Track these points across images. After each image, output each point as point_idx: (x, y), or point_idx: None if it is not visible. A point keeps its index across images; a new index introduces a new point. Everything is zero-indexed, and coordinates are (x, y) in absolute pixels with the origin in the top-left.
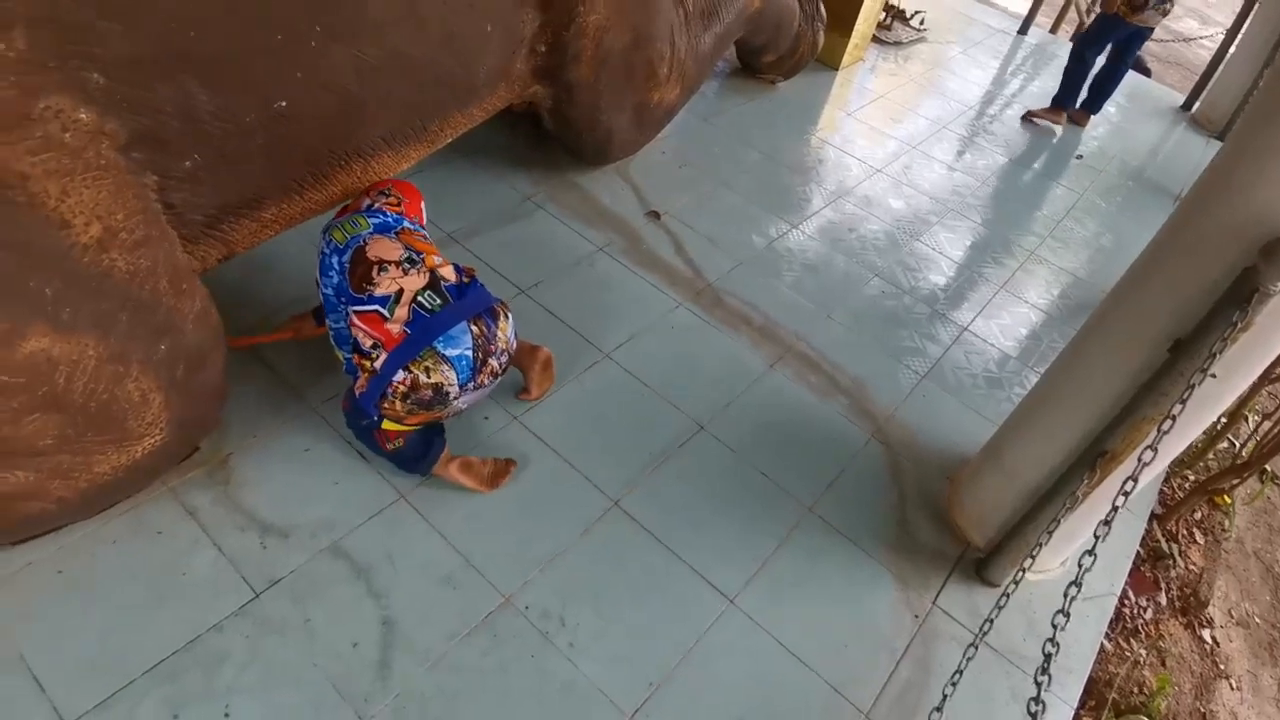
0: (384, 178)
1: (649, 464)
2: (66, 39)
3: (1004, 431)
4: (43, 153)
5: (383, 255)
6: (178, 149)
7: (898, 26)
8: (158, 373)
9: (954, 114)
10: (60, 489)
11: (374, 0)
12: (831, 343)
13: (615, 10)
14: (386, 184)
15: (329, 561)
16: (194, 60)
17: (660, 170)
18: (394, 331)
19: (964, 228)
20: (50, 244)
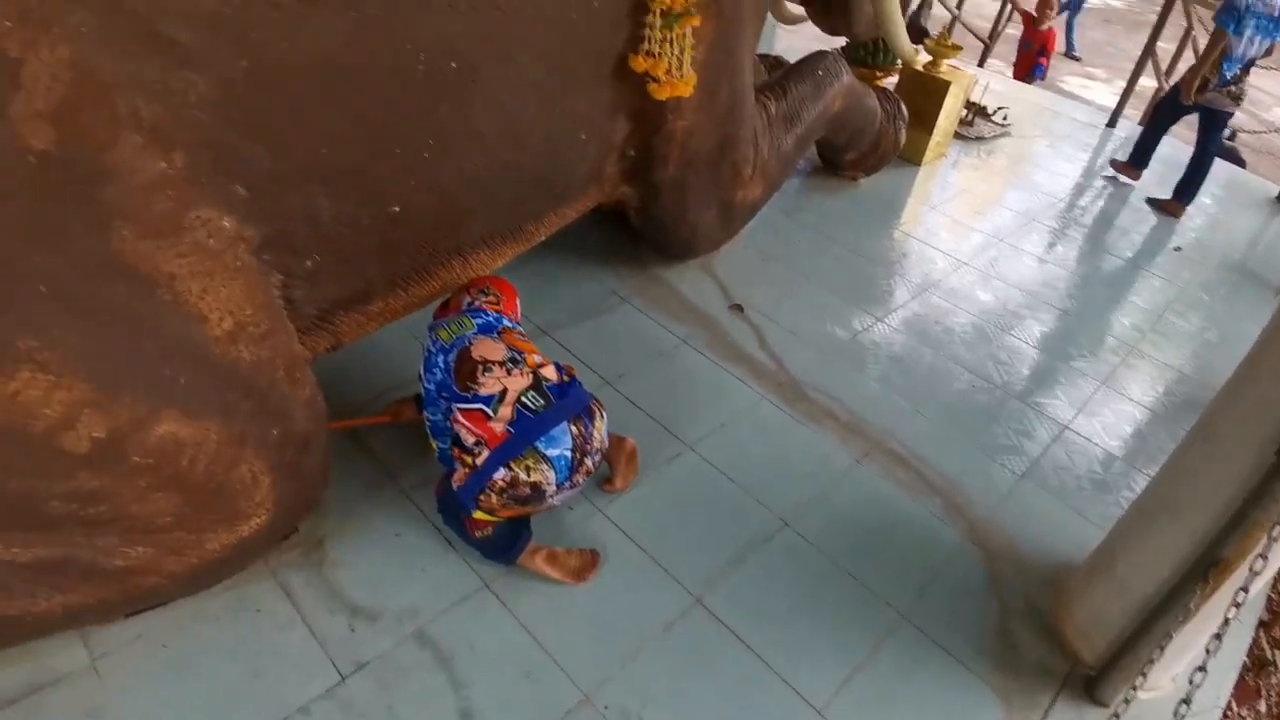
0: (480, 275)
1: (732, 560)
2: (217, 158)
3: (1113, 539)
4: (190, 255)
5: (487, 355)
6: (302, 250)
7: (980, 122)
8: (269, 456)
9: (1042, 206)
10: (174, 565)
11: (482, 116)
12: (921, 438)
13: (702, 116)
14: (484, 281)
15: (413, 648)
16: (323, 173)
17: (743, 264)
18: (497, 430)
19: (1058, 321)
20: (188, 336)
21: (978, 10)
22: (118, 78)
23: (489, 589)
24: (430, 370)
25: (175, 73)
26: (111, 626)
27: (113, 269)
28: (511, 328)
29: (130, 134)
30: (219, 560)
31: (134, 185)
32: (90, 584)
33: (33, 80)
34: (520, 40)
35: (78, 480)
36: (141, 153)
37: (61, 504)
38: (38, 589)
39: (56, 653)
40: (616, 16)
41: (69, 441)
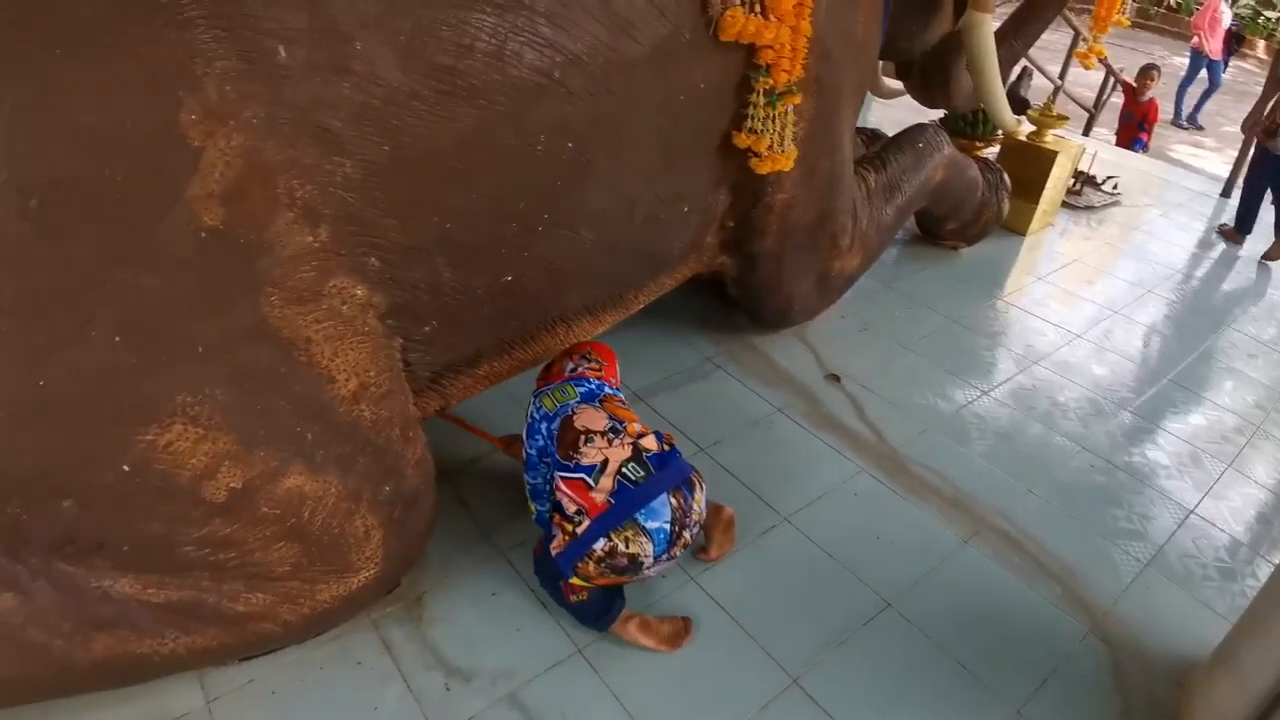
0: (582, 340)
1: (831, 640)
2: (356, 231)
3: (1238, 630)
4: (325, 321)
5: (589, 425)
6: (422, 317)
7: (1089, 191)
8: (381, 511)
9: (1157, 277)
10: (288, 613)
11: (593, 191)
12: (1034, 519)
13: (802, 189)
14: (586, 346)
15: (505, 710)
16: (447, 246)
17: (840, 334)
18: (598, 500)
19: (1180, 398)
20: (317, 396)
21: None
22: (279, 162)
23: (582, 655)
24: (533, 436)
25: (327, 157)
26: (226, 670)
27: (260, 333)
28: (613, 395)
29: (285, 211)
30: (329, 611)
31: (284, 257)
32: (213, 627)
33: (209, 166)
34: (631, 122)
35: (212, 527)
36: (292, 228)
37: (195, 549)
38: (166, 629)
39: (175, 692)
40: (722, 96)
41: (209, 491)
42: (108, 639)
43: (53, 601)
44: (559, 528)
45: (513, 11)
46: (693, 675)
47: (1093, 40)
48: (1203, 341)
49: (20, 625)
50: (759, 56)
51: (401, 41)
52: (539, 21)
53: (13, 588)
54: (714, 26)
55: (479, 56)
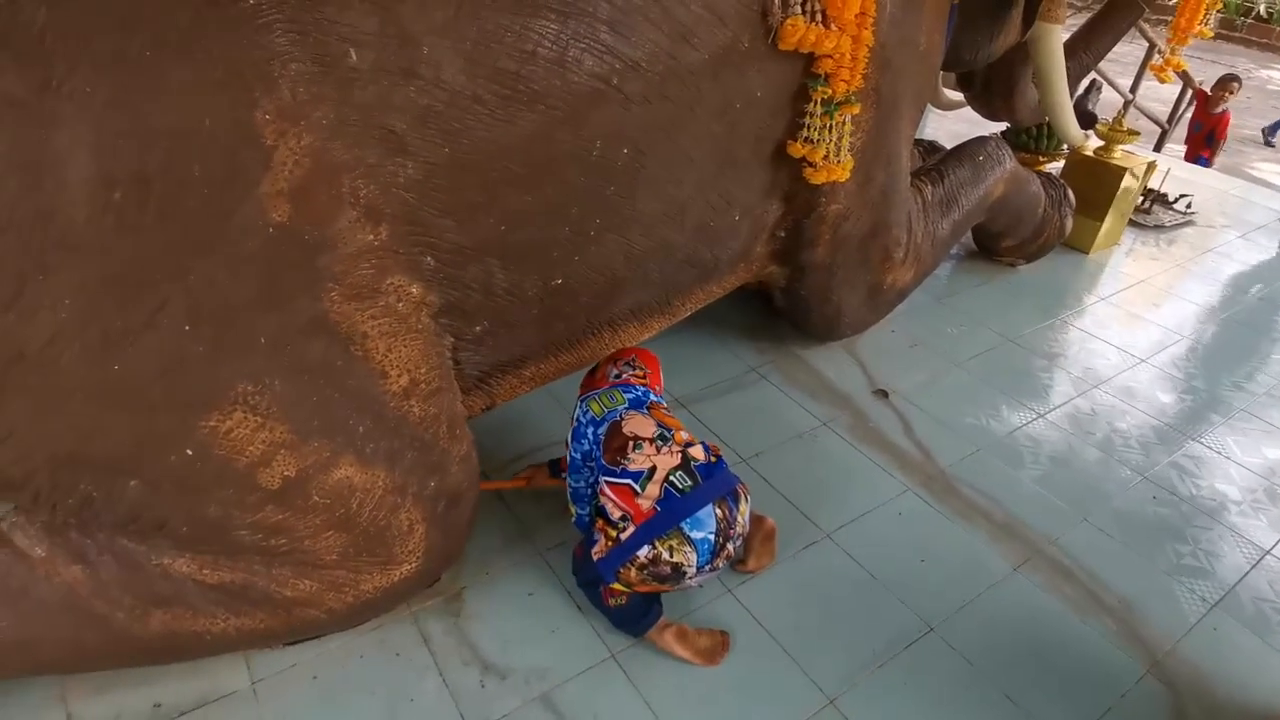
0: (627, 346)
1: (870, 662)
2: (413, 231)
3: None
4: (382, 318)
5: (638, 432)
6: (473, 317)
7: (1159, 210)
8: (425, 506)
9: (1232, 302)
10: (332, 600)
11: (646, 197)
12: (1090, 550)
13: (856, 200)
14: (631, 353)
15: (539, 711)
16: (501, 247)
17: (889, 348)
18: (644, 507)
19: (1257, 431)
20: (370, 390)
21: (1154, 94)
22: (344, 162)
23: (616, 660)
24: (579, 439)
25: (390, 158)
26: (271, 653)
27: (319, 326)
28: (658, 402)
29: (348, 210)
30: (371, 601)
31: (345, 254)
32: (262, 610)
33: (280, 164)
34: (686, 128)
35: (265, 513)
36: (355, 226)
37: (249, 533)
38: (218, 610)
39: (223, 672)
40: (778, 104)
41: (264, 478)
42: (164, 615)
43: (116, 576)
44: (601, 533)
45: (575, 18)
46: (726, 688)
47: (1170, 52)
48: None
49: (86, 596)
50: (818, 65)
51: (467, 46)
52: (600, 28)
53: (81, 560)
54: (774, 35)
55: (541, 62)
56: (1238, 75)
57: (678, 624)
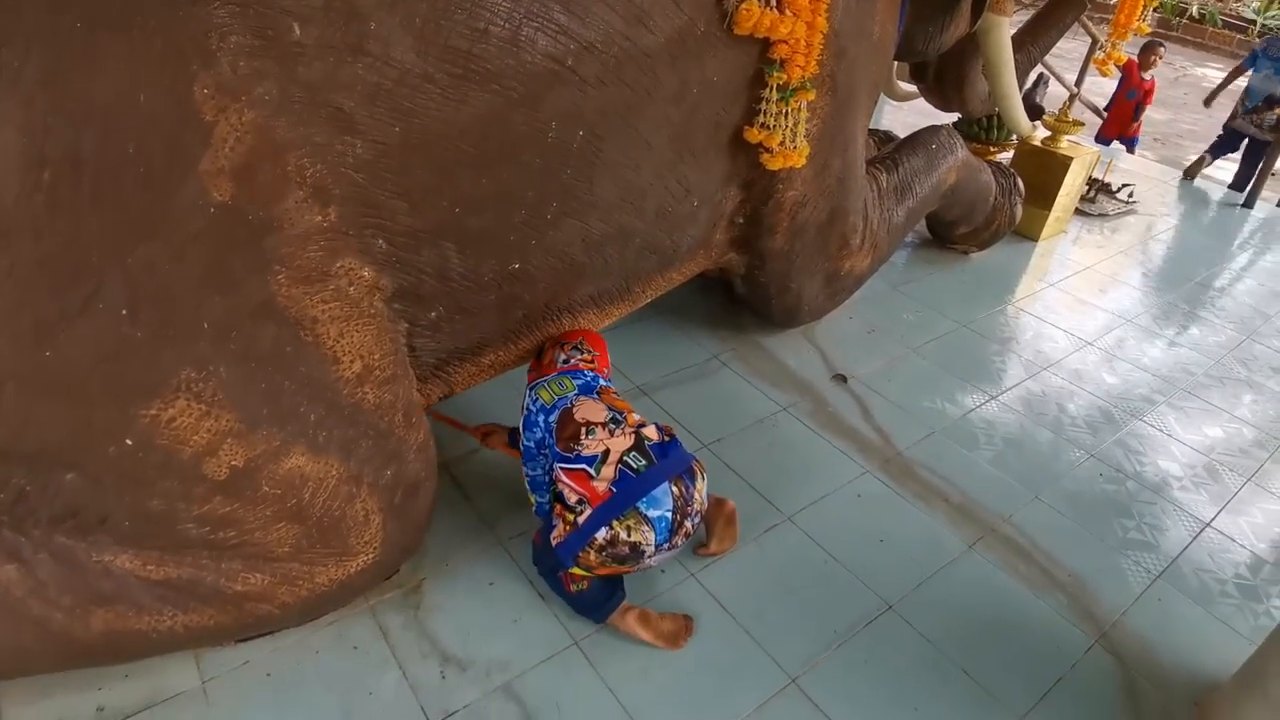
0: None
1: (831, 641)
2: (365, 213)
3: (1265, 655)
4: (332, 302)
5: (590, 418)
6: (428, 302)
7: (1103, 199)
8: (381, 496)
9: (1173, 287)
10: (286, 595)
11: (603, 182)
12: (1041, 527)
13: (813, 187)
14: (577, 336)
15: (501, 701)
16: (455, 231)
17: (848, 335)
18: (600, 489)
19: (1196, 409)
20: (322, 377)
21: (1098, 88)
22: (290, 140)
23: (579, 647)
24: (530, 428)
25: (339, 137)
26: (222, 650)
27: (266, 311)
28: (608, 386)
29: (295, 190)
30: (326, 594)
31: (292, 235)
32: (211, 607)
33: (221, 141)
34: (643, 113)
35: (212, 505)
36: (302, 207)
37: (196, 527)
38: (164, 607)
39: (172, 671)
40: (734, 90)
41: (210, 468)
42: (107, 614)
43: (54, 575)
44: (560, 518)
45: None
46: (689, 671)
47: (1111, 47)
48: (1221, 353)
49: (21, 597)
50: (773, 51)
51: (417, 23)
52: (553, 7)
53: (15, 559)
54: (729, 19)
55: (493, 41)
56: (1162, 42)
57: (640, 608)
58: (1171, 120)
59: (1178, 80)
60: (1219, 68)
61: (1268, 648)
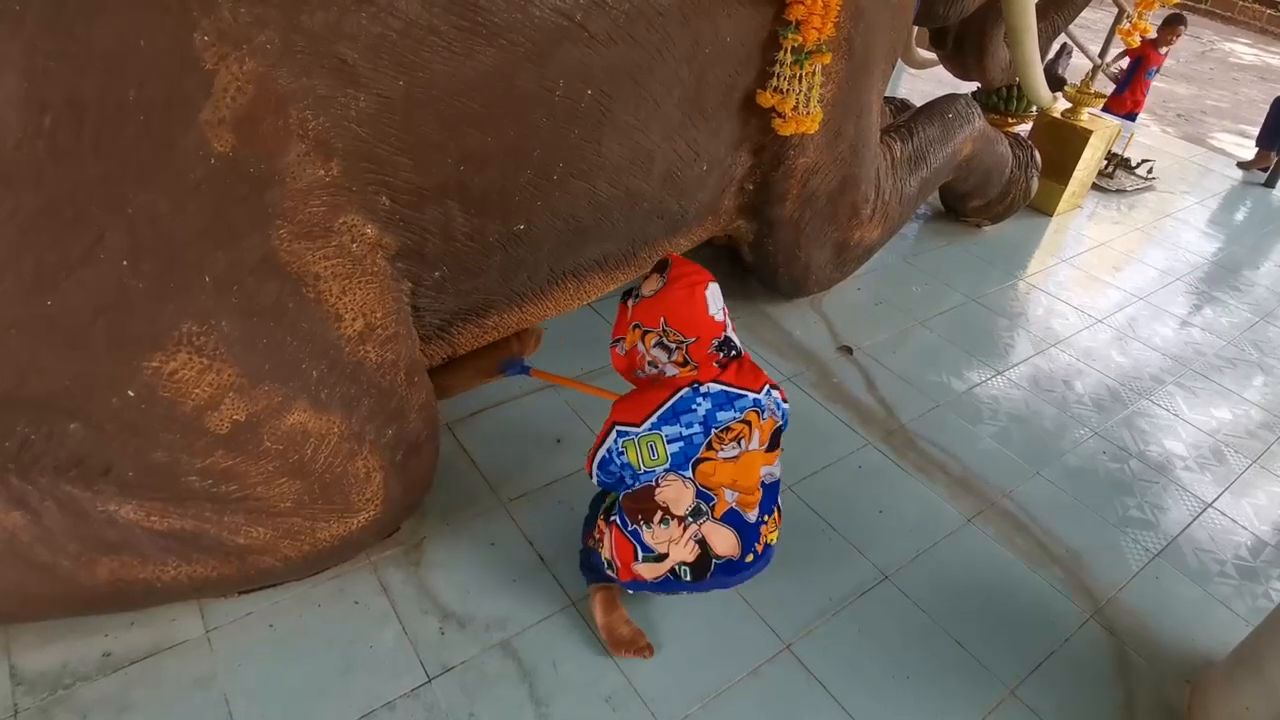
0: (591, 297)
1: (827, 609)
2: (368, 168)
3: (1262, 635)
4: (334, 258)
5: (671, 505)
6: (432, 261)
7: (1122, 174)
8: (383, 454)
9: (1189, 266)
10: (288, 549)
11: (611, 143)
12: (1041, 503)
13: (825, 154)
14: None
15: (498, 658)
16: (460, 189)
17: (855, 306)
18: (635, 572)
19: (1206, 390)
20: (324, 333)
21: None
22: (292, 91)
23: (576, 608)
24: (606, 468)
25: (342, 89)
26: (226, 601)
27: (268, 266)
28: (724, 427)
29: (297, 143)
30: (328, 549)
31: (294, 189)
32: (214, 558)
33: (222, 90)
34: (653, 73)
35: (215, 458)
36: (304, 160)
37: (198, 479)
38: (168, 557)
39: (176, 620)
40: (748, 52)
41: (212, 422)
42: (112, 562)
43: (59, 522)
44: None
45: None
46: (684, 634)
47: (1137, 18)
48: (1234, 334)
49: (28, 543)
50: (789, 12)
51: None
52: None
53: (22, 506)
54: None
55: None
56: (1184, 17)
57: (614, 593)
58: (1196, 96)
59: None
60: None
61: (1265, 629)
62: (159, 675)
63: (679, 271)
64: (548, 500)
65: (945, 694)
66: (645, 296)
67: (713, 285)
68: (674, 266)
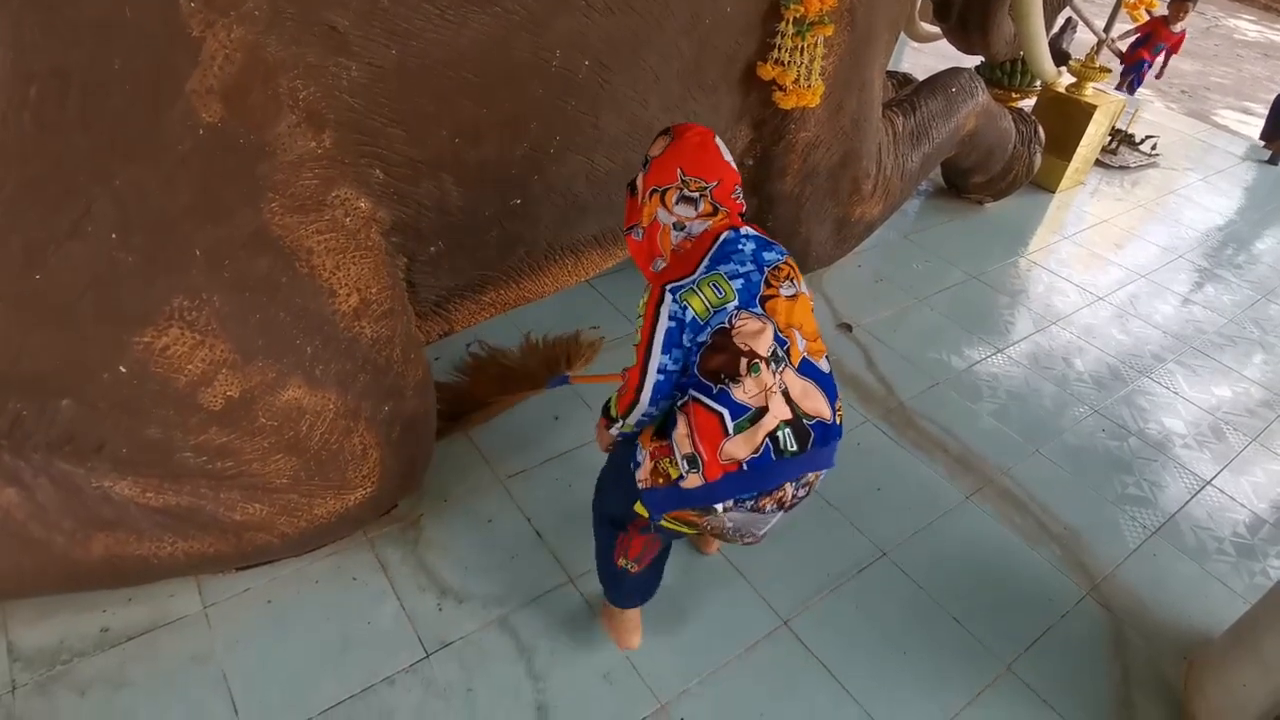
0: (589, 274)
1: (824, 586)
2: (360, 140)
3: (1259, 612)
4: (328, 233)
5: (754, 345)
6: (427, 236)
7: (1125, 151)
8: (379, 431)
9: (1191, 244)
10: (285, 525)
11: (608, 115)
12: (1039, 480)
13: (826, 128)
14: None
15: (496, 634)
16: (455, 162)
17: (855, 283)
18: (725, 458)
19: (1206, 368)
20: (318, 309)
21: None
22: (282, 60)
23: (574, 584)
24: (670, 348)
25: (332, 58)
26: (223, 578)
27: (259, 240)
28: (775, 266)
29: (287, 113)
30: (325, 526)
31: (285, 162)
32: (210, 535)
33: (209, 59)
34: (652, 44)
35: (209, 435)
36: (295, 132)
37: (193, 456)
38: (164, 534)
39: (174, 596)
40: (749, 22)
41: (206, 398)
42: (107, 539)
43: (54, 499)
44: (652, 456)
45: None
46: (682, 610)
47: None
48: (1235, 312)
49: (22, 520)
50: None
51: None
52: None
53: (15, 483)
54: None
55: None
56: None
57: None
58: (1201, 72)
59: (1209, 31)
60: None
61: (1263, 606)
62: (157, 651)
63: (684, 128)
64: (545, 477)
65: (942, 669)
66: (655, 157)
67: (720, 139)
68: (678, 126)
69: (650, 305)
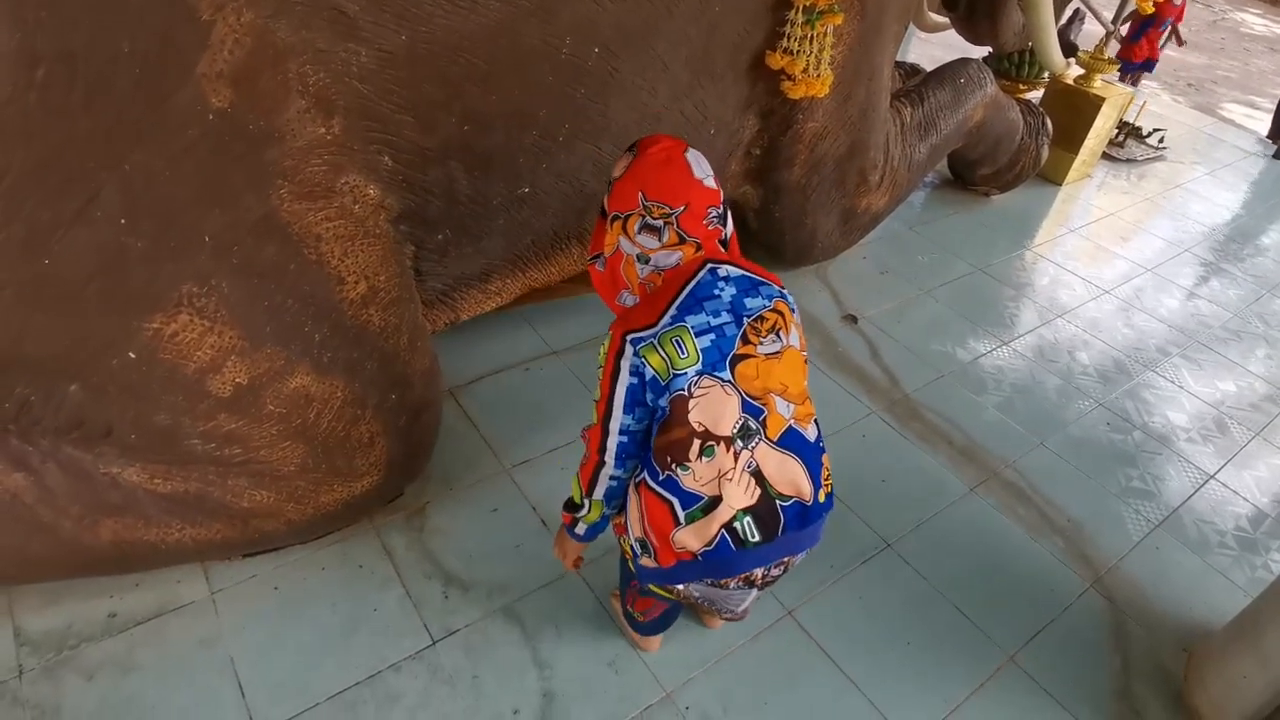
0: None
1: (828, 576)
2: (370, 127)
3: (1261, 606)
4: (336, 220)
5: (710, 423)
6: (435, 224)
7: (1132, 144)
8: (386, 419)
9: (1197, 238)
10: (292, 512)
11: (617, 103)
12: (1044, 473)
13: (834, 118)
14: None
15: (502, 622)
16: (463, 150)
17: (860, 275)
18: (678, 548)
19: (1211, 363)
20: (326, 296)
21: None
22: (292, 45)
23: (579, 573)
24: (630, 408)
25: (342, 43)
26: (230, 564)
27: (268, 226)
28: (758, 314)
29: (297, 99)
30: (331, 513)
31: (294, 148)
32: (218, 521)
33: (219, 42)
34: (661, 32)
35: (218, 421)
36: (305, 117)
37: (201, 442)
38: (172, 520)
39: (181, 582)
40: (758, 11)
41: (214, 384)
42: (115, 524)
43: (62, 484)
44: (616, 532)
45: None
46: None
47: None
48: (1240, 306)
49: (30, 505)
50: None
51: None
52: None
53: (23, 467)
54: None
55: None
56: None
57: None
58: (1208, 65)
59: (1215, 24)
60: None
61: (1264, 600)
62: (164, 636)
63: (650, 141)
64: (551, 466)
65: (945, 660)
66: (616, 179)
67: (694, 151)
68: (644, 140)
69: (610, 355)
